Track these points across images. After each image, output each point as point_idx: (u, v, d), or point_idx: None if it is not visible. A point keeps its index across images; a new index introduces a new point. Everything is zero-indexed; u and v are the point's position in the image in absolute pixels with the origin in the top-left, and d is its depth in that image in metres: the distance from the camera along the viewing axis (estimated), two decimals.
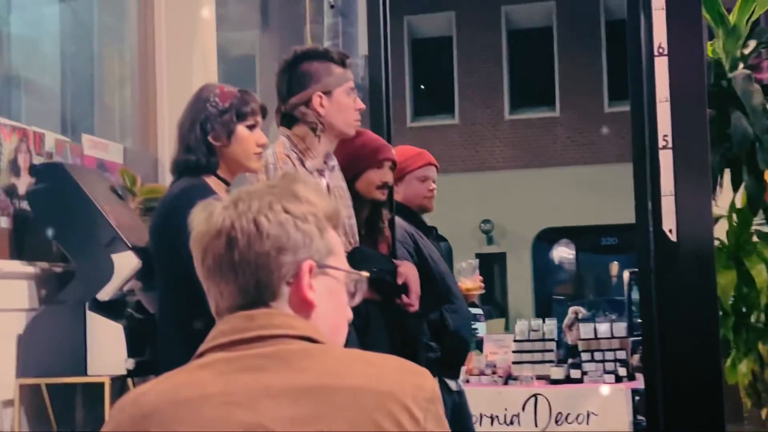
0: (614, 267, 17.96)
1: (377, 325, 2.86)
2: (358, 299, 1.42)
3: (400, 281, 2.94)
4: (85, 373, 2.95)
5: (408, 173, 3.60)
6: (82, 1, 4.48)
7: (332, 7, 4.81)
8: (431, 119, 18.95)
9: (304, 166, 2.89)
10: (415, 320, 3.13)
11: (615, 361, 5.51)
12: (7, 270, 2.96)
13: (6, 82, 4.43)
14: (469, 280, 4.02)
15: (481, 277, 4.12)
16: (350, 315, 1.42)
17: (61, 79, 4.60)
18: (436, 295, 3.35)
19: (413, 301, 2.96)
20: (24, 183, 3.23)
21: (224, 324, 1.31)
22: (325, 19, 5.71)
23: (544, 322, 5.88)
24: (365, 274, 1.43)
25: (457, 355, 3.66)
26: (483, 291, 4.04)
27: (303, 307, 1.32)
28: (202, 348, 1.31)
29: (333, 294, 1.36)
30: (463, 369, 5.63)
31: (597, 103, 17.88)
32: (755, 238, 4.51)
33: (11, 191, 3.21)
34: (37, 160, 3.31)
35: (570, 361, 5.66)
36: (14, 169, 3.23)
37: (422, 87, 19.48)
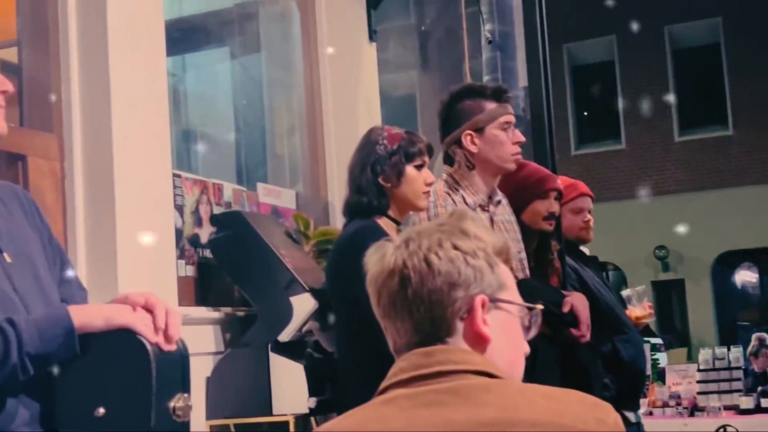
0: None
1: (546, 358, 2.83)
2: (533, 332, 1.42)
3: (565, 309, 2.91)
4: (270, 413, 3.04)
5: (562, 205, 3.56)
6: (251, 57, 4.71)
7: (490, 42, 4.84)
8: (596, 146, 18.61)
9: (465, 202, 2.92)
10: (587, 353, 3.07)
11: None
12: (194, 316, 3.11)
13: (185, 137, 4.68)
14: (638, 308, 3.92)
15: (650, 304, 4.00)
16: (527, 349, 1.42)
17: (234, 131, 4.82)
18: (606, 326, 3.29)
19: (583, 331, 2.91)
20: (206, 232, 3.40)
21: (404, 361, 1.34)
22: (483, 54, 5.74)
23: (729, 350, 5.63)
24: (540, 306, 1.43)
25: (634, 386, 3.56)
26: (653, 318, 3.92)
27: (478, 341, 1.33)
28: (383, 384, 1.34)
29: (508, 328, 1.37)
30: (646, 401, 5.48)
31: None
32: None
33: (195, 241, 3.39)
34: (217, 210, 3.48)
35: (760, 389, 5.39)
36: (197, 219, 3.41)
37: (585, 114, 19.19)
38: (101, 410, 1.78)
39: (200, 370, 3.09)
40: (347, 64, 4.23)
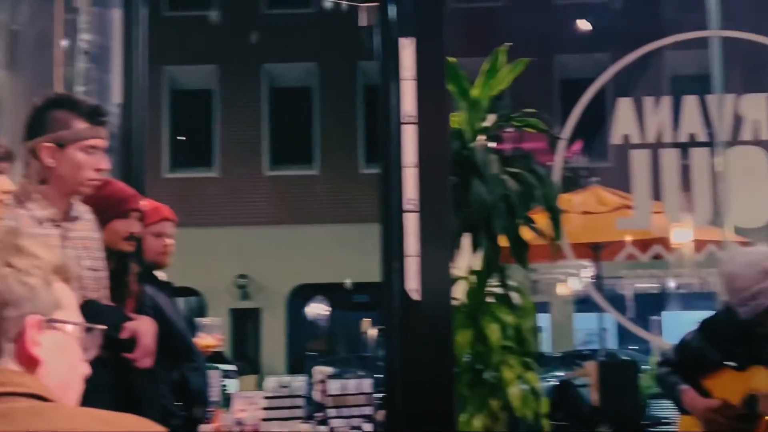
0: (366, 324, 18.38)
1: (97, 382, 2.76)
2: (91, 354, 1.39)
3: (124, 335, 2.86)
4: None
5: (143, 228, 3.51)
6: None
7: (86, 53, 4.67)
8: (190, 171, 18.74)
9: (34, 216, 2.77)
10: (145, 379, 3.04)
11: (361, 416, 5.60)
12: None
13: None
14: (209, 337, 4.03)
15: (220, 335, 4.13)
16: (85, 370, 1.38)
17: None
18: (176, 354, 3.31)
19: (141, 357, 2.88)
20: None
21: None
22: (77, 64, 5.52)
23: (295, 378, 5.90)
24: (100, 327, 1.41)
25: (199, 413, 3.63)
26: (221, 348, 4.06)
27: (29, 363, 1.28)
28: None
29: (63, 349, 1.33)
30: (212, 427, 5.55)
31: (353, 164, 18.40)
32: (491, 299, 4.79)
33: None
34: None
35: (318, 417, 5.71)
36: None
37: (181, 138, 19.25)
38: None
39: None
40: None
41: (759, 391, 3.04)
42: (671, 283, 6.60)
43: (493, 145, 4.93)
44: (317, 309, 19.78)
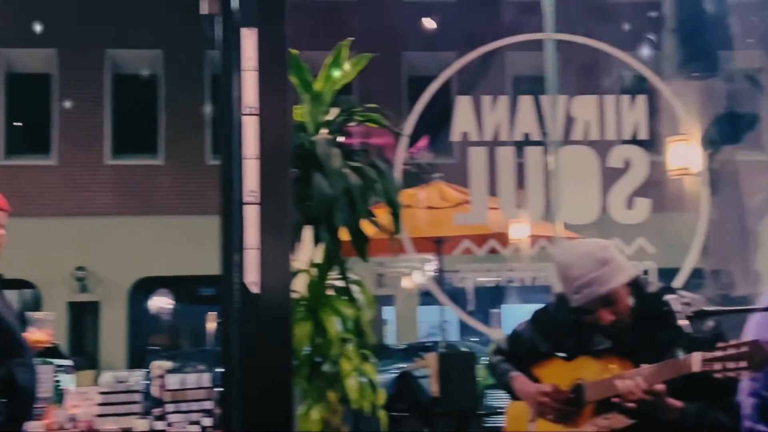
0: (211, 317, 18.14)
1: None
2: None
3: None
4: None
5: None
6: None
7: None
8: (26, 158, 18.01)
9: None
10: None
11: (200, 411, 5.53)
12: None
13: None
14: (38, 332, 3.93)
15: (51, 330, 4.03)
16: None
17: None
18: (3, 349, 3.20)
19: None
20: None
21: None
22: None
23: (132, 373, 5.77)
24: None
25: (26, 411, 3.51)
26: (51, 344, 3.95)
27: None
28: None
29: None
30: (43, 424, 5.36)
31: (199, 155, 18.13)
32: (331, 292, 4.82)
33: None
34: None
35: (155, 412, 5.60)
36: None
37: (17, 124, 18.47)
38: None
39: None
40: None
41: (585, 380, 3.18)
42: (508, 277, 6.79)
43: (340, 139, 4.95)
44: (160, 302, 19.38)
